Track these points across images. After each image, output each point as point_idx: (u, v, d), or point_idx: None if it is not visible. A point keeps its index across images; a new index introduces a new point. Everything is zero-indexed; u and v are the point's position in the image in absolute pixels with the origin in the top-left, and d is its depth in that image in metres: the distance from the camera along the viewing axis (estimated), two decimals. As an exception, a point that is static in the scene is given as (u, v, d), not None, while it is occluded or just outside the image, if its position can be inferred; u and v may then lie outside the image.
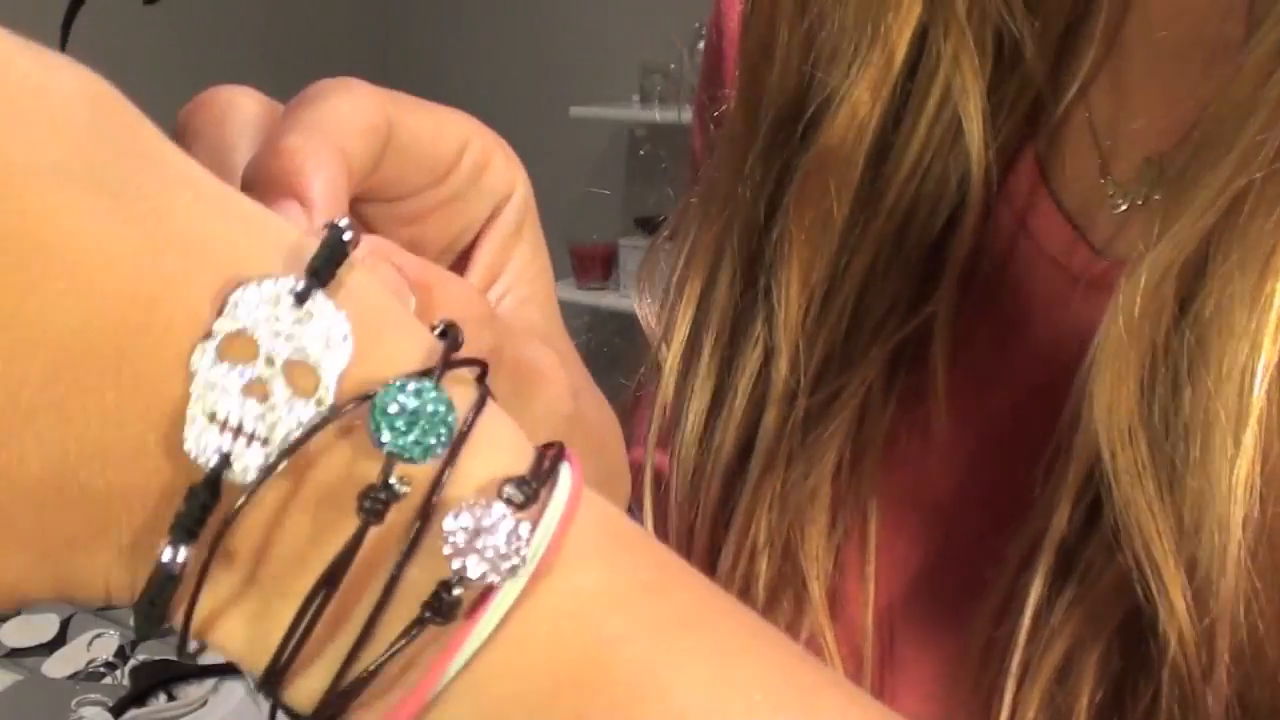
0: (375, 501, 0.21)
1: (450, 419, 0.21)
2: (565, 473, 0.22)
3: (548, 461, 0.22)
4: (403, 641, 0.21)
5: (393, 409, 0.21)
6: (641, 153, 2.75)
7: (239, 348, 0.21)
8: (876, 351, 0.42)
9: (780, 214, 0.43)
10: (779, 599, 0.43)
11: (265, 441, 0.21)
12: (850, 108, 0.41)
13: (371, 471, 0.21)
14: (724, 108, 0.48)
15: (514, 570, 0.21)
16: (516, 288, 0.32)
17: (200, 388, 0.20)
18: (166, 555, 0.20)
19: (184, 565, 0.20)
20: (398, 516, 0.21)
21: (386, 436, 0.21)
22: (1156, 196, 0.40)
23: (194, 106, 0.29)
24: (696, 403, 0.45)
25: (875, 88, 0.41)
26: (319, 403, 0.21)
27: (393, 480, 0.21)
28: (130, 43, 2.31)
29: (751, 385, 0.44)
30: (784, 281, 0.43)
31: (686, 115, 0.56)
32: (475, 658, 0.21)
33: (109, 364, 0.20)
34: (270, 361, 0.21)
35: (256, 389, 0.21)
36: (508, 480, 0.21)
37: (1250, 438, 0.31)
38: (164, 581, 0.20)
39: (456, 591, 0.21)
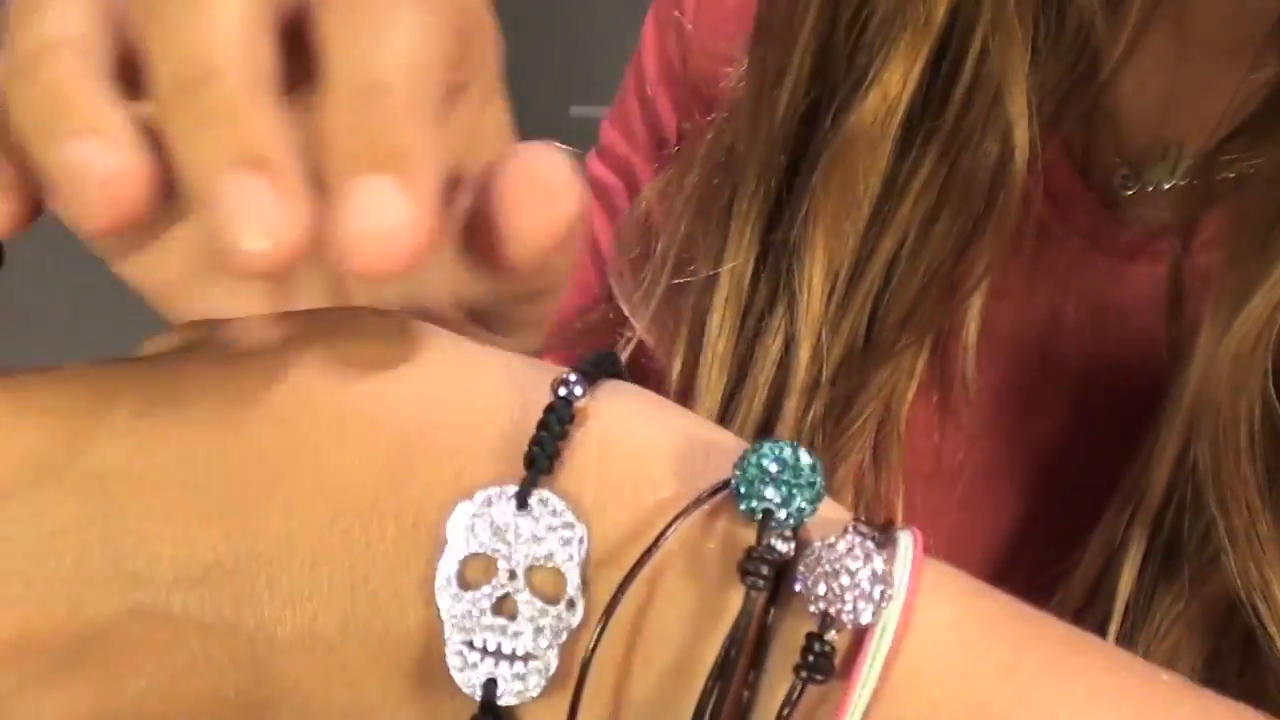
0: (757, 576, 0.20)
1: (816, 478, 0.21)
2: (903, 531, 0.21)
3: (869, 509, 0.22)
4: (786, 711, 0.19)
5: (764, 471, 0.20)
6: (641, 153, 2.74)
7: (478, 568, 0.21)
8: (904, 343, 0.41)
9: (805, 197, 0.42)
10: None
11: (527, 658, 0.20)
12: (881, 89, 0.40)
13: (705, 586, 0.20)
14: (723, 83, 0.47)
15: (886, 602, 0.20)
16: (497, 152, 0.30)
17: (450, 621, 0.20)
18: None
19: None
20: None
21: (769, 493, 0.20)
22: (1179, 183, 0.40)
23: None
24: (711, 394, 0.43)
25: (907, 69, 0.40)
26: (570, 604, 0.20)
27: (773, 541, 0.20)
28: (130, 42, 2.30)
29: (771, 375, 0.43)
30: (807, 267, 0.42)
31: (687, 116, 0.55)
32: (869, 710, 0.19)
33: (344, 602, 0.21)
34: (512, 575, 0.21)
35: (506, 607, 0.21)
36: (855, 521, 0.21)
37: None
38: None
39: (830, 636, 0.19)
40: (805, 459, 0.21)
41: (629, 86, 0.54)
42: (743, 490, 0.20)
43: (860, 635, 0.20)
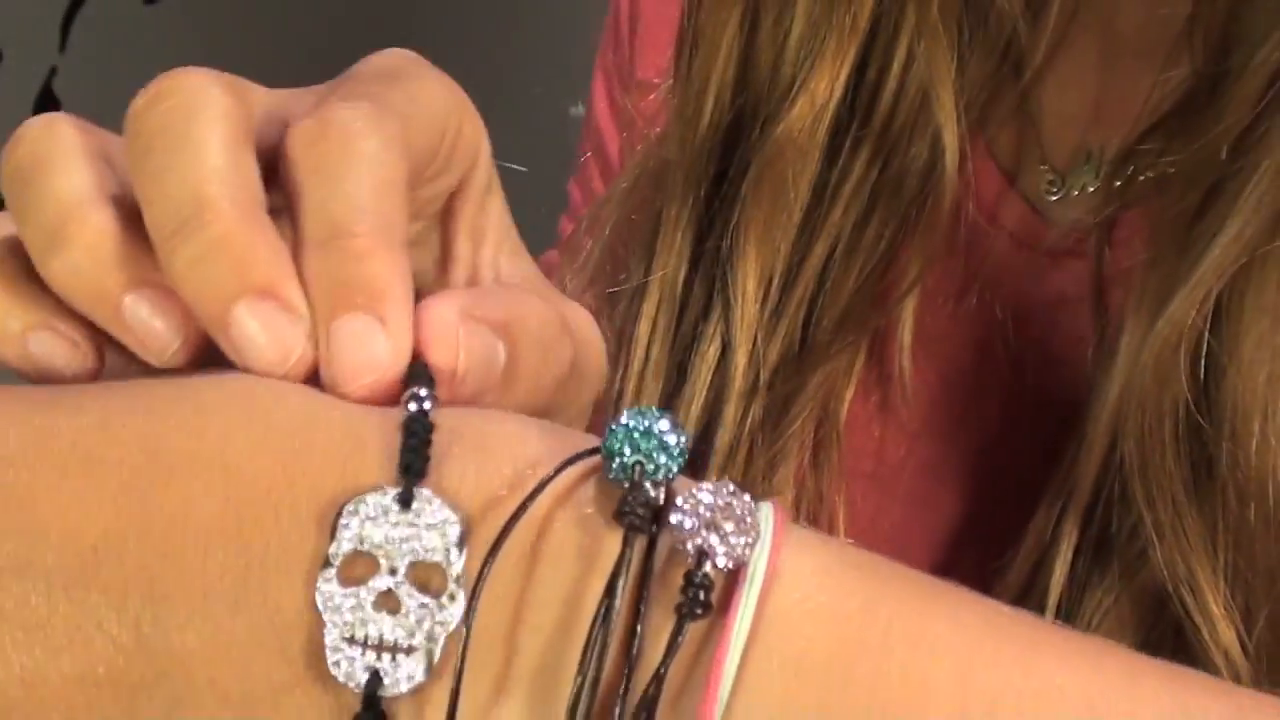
0: (634, 515, 0.21)
1: (679, 437, 0.22)
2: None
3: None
4: (675, 646, 0.20)
5: (629, 433, 0.22)
6: (641, 152, 2.75)
7: (360, 566, 0.21)
8: (840, 345, 0.42)
9: (736, 205, 0.42)
10: None
11: (409, 650, 0.21)
12: (808, 96, 0.41)
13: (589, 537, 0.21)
14: (651, 96, 0.47)
15: (755, 540, 0.21)
16: (504, 243, 0.32)
17: (331, 615, 0.21)
18: None
19: None
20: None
21: (636, 453, 0.21)
22: (1091, 189, 0.41)
23: (152, 99, 0.27)
24: (646, 401, 0.44)
25: (833, 75, 0.41)
26: (450, 596, 0.21)
27: (647, 487, 0.21)
28: (130, 43, 2.31)
29: (709, 381, 0.43)
30: (740, 275, 0.42)
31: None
32: (747, 650, 0.20)
33: (230, 560, 0.21)
34: (394, 571, 0.21)
35: (388, 602, 0.21)
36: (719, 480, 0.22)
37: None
38: None
39: (706, 570, 0.20)
40: (664, 422, 0.22)
41: (585, 146, 0.55)
42: (612, 452, 0.22)
43: (731, 580, 0.21)
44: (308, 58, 2.95)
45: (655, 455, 0.22)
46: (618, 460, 0.22)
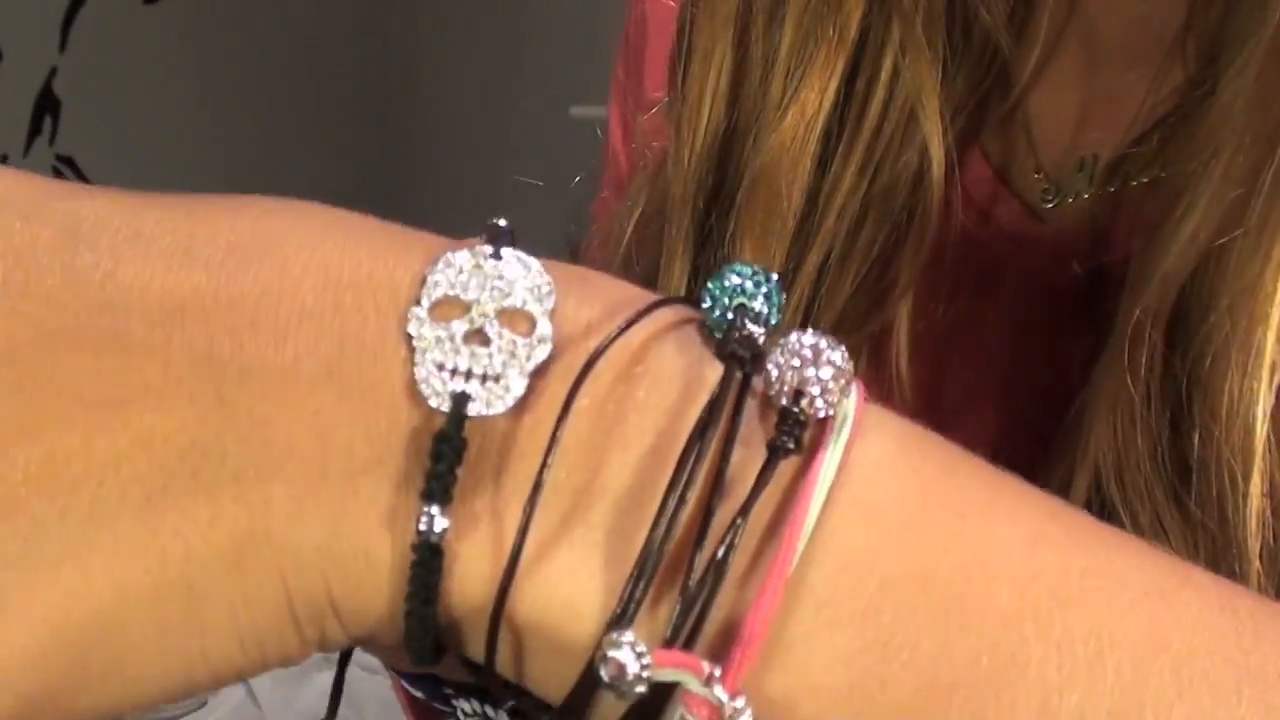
0: (736, 345, 0.21)
1: (779, 292, 0.22)
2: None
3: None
4: (767, 478, 0.20)
5: (737, 277, 0.22)
6: (642, 153, 2.75)
7: (449, 309, 0.21)
8: None
9: (732, 215, 0.43)
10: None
11: (498, 379, 0.20)
12: (799, 107, 0.41)
13: (683, 363, 0.21)
14: (653, 110, 0.48)
15: (849, 389, 0.21)
16: None
17: (422, 345, 0.20)
18: (428, 518, 0.20)
19: (446, 531, 0.20)
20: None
21: (728, 300, 0.22)
22: (1086, 196, 0.41)
23: None
24: None
25: (822, 86, 0.41)
26: (540, 340, 0.21)
27: (748, 324, 0.21)
28: (130, 43, 2.31)
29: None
30: None
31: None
32: (830, 497, 0.20)
33: (331, 351, 0.20)
34: (483, 314, 0.21)
35: (475, 338, 0.21)
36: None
37: (1258, 475, 0.32)
38: (430, 549, 0.20)
39: (803, 407, 0.20)
40: (769, 276, 0.22)
41: (604, 179, 0.56)
42: (713, 296, 0.22)
43: (819, 429, 0.21)
44: (307, 58, 2.93)
45: (755, 301, 0.22)
46: (718, 308, 0.21)
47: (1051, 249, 0.41)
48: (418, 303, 0.21)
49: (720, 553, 0.19)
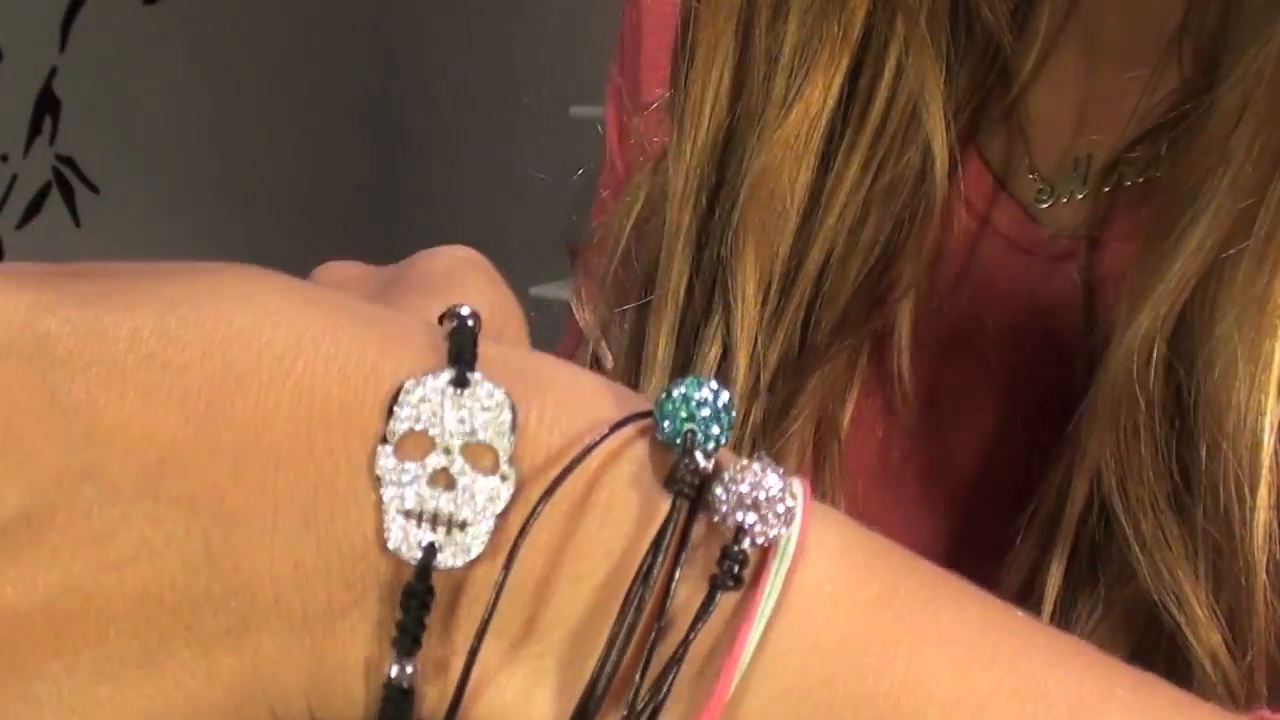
0: (684, 483, 0.21)
1: (730, 411, 0.23)
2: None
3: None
4: (706, 614, 0.20)
5: (685, 399, 0.22)
6: (642, 153, 2.75)
7: (415, 444, 0.21)
8: (837, 347, 0.42)
9: (735, 211, 0.43)
10: None
11: (464, 525, 0.21)
12: (803, 104, 0.41)
13: (647, 481, 0.22)
14: (649, 110, 0.48)
15: (791, 516, 0.22)
16: None
17: (390, 489, 0.21)
18: (398, 667, 0.20)
19: (413, 675, 0.20)
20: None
21: (690, 420, 0.22)
22: (1080, 196, 0.41)
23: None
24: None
25: (826, 83, 0.41)
26: (503, 477, 0.21)
27: (696, 456, 0.22)
28: (130, 43, 2.31)
29: None
30: (740, 278, 0.43)
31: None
32: (769, 626, 0.21)
33: (307, 501, 0.21)
34: (448, 449, 0.21)
35: (441, 479, 0.21)
36: (755, 451, 0.23)
37: (1265, 488, 0.32)
38: (400, 693, 0.20)
39: (743, 546, 0.21)
40: (724, 395, 0.22)
41: (601, 181, 0.56)
42: (666, 415, 0.22)
43: (761, 556, 0.21)
44: (307, 58, 2.93)
45: (707, 425, 0.22)
46: (670, 425, 0.22)
47: (1048, 250, 0.42)
48: (385, 440, 0.21)
49: (664, 686, 0.20)
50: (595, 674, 0.20)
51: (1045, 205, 0.41)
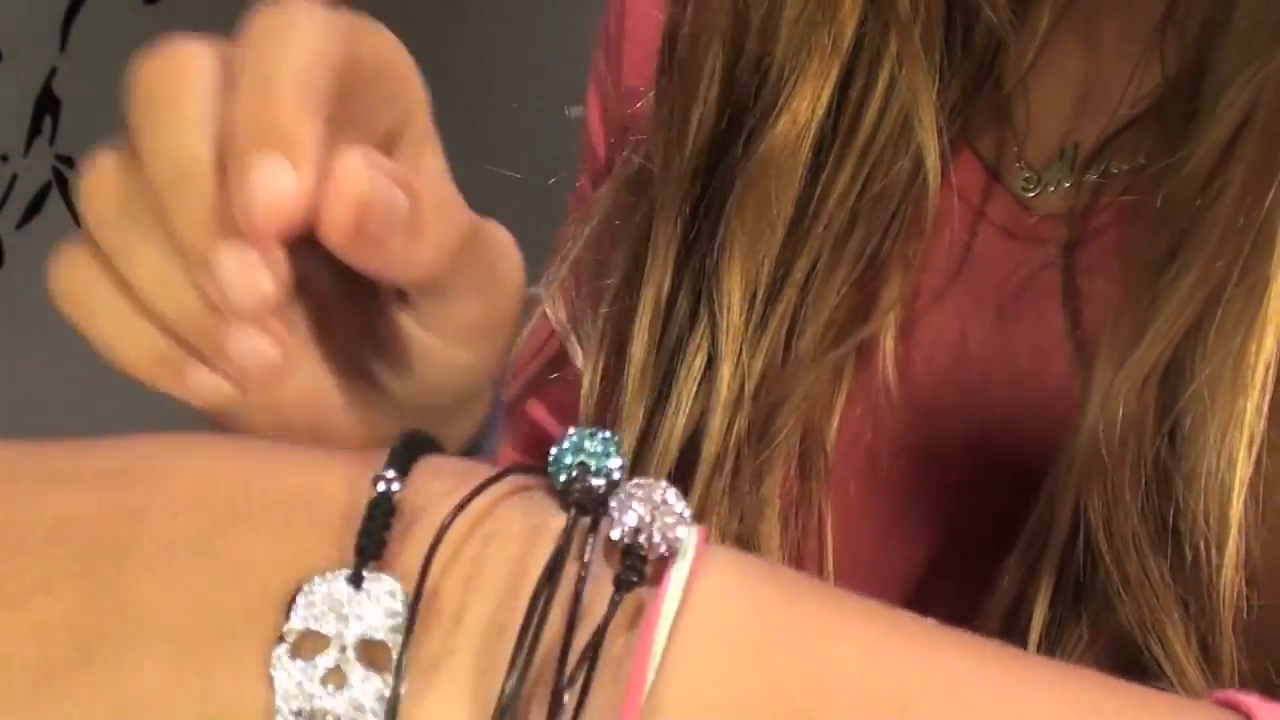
0: (577, 494, 0.22)
1: (620, 456, 0.23)
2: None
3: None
4: (614, 610, 0.21)
5: (569, 444, 0.23)
6: (641, 153, 2.74)
7: (311, 644, 0.22)
8: (822, 357, 0.42)
9: (721, 221, 0.42)
10: None
11: None
12: (791, 114, 0.41)
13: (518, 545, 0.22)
14: (639, 104, 0.48)
15: (687, 519, 0.22)
16: (439, 190, 0.33)
17: (282, 689, 0.21)
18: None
19: None
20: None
21: (569, 459, 0.23)
22: (1067, 184, 0.41)
23: (153, 71, 0.32)
24: (633, 409, 0.44)
25: (815, 93, 0.41)
26: (396, 673, 0.21)
27: (589, 477, 0.23)
28: (130, 43, 2.30)
29: (694, 391, 0.43)
30: (725, 288, 0.42)
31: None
32: (678, 619, 0.21)
33: (193, 682, 0.21)
34: (342, 649, 0.22)
35: (335, 678, 0.21)
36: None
37: (1233, 546, 0.32)
38: None
39: (642, 542, 0.22)
40: (614, 438, 0.23)
41: (582, 161, 0.55)
42: (558, 460, 0.23)
43: (662, 563, 0.22)
44: (307, 58, 2.85)
45: (599, 459, 0.23)
46: (562, 469, 0.23)
47: (1035, 234, 0.41)
48: (282, 638, 0.21)
49: (582, 684, 0.21)
50: (505, 682, 0.21)
51: (1033, 194, 0.41)
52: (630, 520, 0.22)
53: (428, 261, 0.30)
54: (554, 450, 0.23)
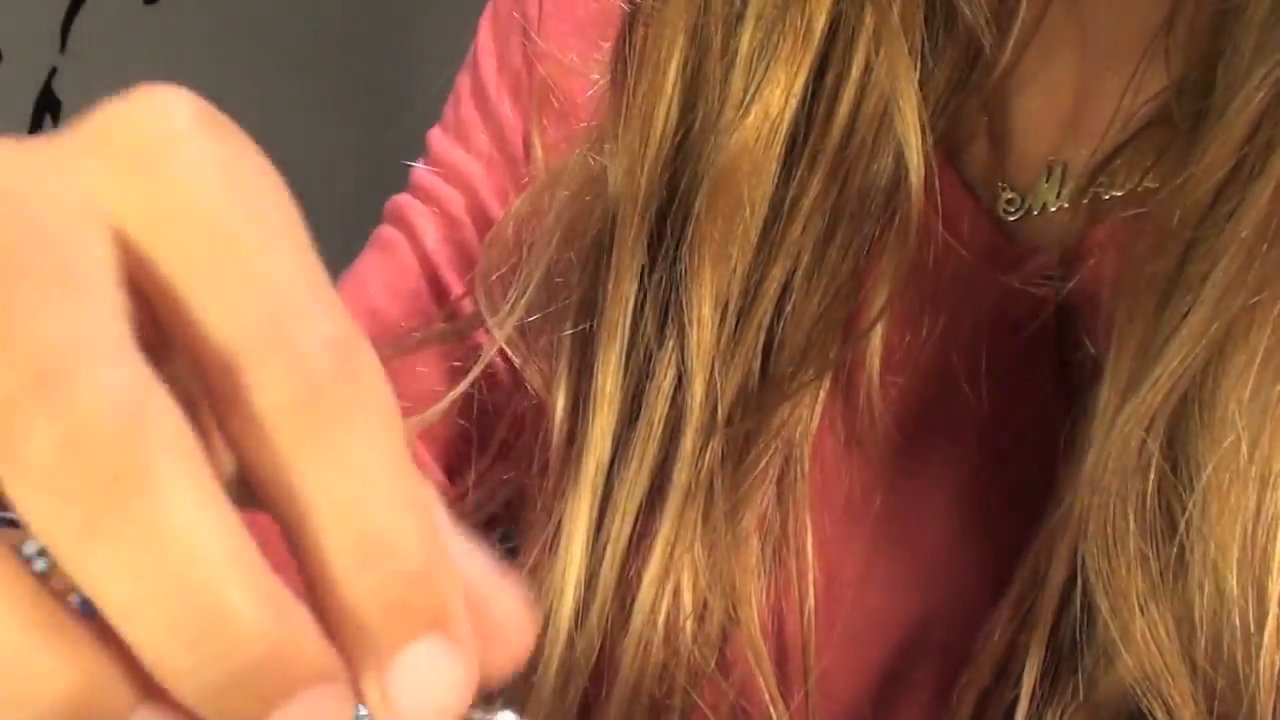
0: None
1: None
2: None
3: None
4: None
5: None
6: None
7: None
8: (802, 378, 0.39)
9: (689, 223, 0.39)
10: (710, 636, 0.40)
11: None
12: (762, 106, 0.37)
13: None
14: (579, 98, 0.43)
15: None
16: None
17: None
18: None
19: None
20: None
21: None
22: (1053, 209, 0.38)
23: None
24: (601, 434, 0.40)
25: (788, 84, 0.37)
26: None
27: None
28: (130, 43, 2.31)
29: (665, 413, 0.40)
30: (695, 297, 0.39)
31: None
32: None
33: None
34: None
35: None
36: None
37: (1273, 623, 0.29)
38: None
39: None
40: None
41: (463, 94, 0.51)
42: None
43: None
44: (307, 58, 2.92)
45: None
46: None
47: (1020, 267, 0.38)
48: None
49: None
50: None
51: (1015, 218, 0.38)
52: None
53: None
54: None
